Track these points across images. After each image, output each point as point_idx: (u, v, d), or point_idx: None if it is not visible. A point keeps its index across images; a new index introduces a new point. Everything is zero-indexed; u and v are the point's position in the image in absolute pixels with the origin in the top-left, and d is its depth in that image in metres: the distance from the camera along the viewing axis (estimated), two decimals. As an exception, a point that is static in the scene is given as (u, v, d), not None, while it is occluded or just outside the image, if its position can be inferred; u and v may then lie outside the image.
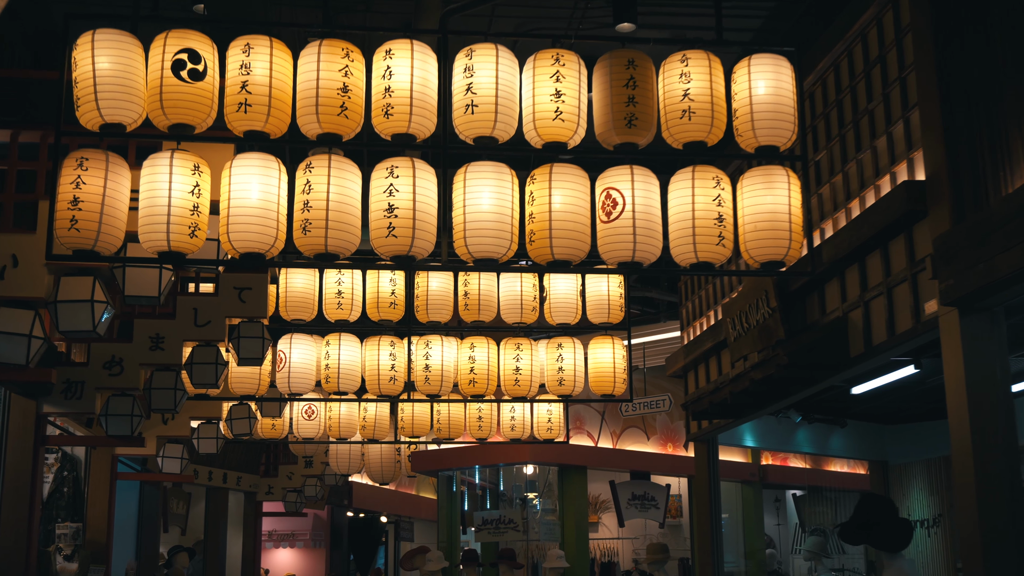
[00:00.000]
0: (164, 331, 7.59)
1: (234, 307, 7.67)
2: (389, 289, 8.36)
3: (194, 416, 10.04)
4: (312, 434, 10.76)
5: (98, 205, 4.67)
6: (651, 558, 9.92)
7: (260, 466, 15.61)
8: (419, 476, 21.89)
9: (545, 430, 10.82)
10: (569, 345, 8.53)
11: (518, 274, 8.45)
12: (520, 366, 8.44)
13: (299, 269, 8.27)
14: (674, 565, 14.35)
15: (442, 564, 11.68)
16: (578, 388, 8.51)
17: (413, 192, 4.90)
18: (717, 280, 9.30)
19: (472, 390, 8.41)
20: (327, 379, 8.29)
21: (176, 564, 12.15)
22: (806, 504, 15.52)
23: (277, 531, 18.33)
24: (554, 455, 12.78)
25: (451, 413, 10.66)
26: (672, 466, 14.08)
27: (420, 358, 8.43)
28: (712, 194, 5.09)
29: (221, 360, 7.68)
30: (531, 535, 12.95)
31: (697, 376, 9.76)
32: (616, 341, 8.57)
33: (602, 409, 13.64)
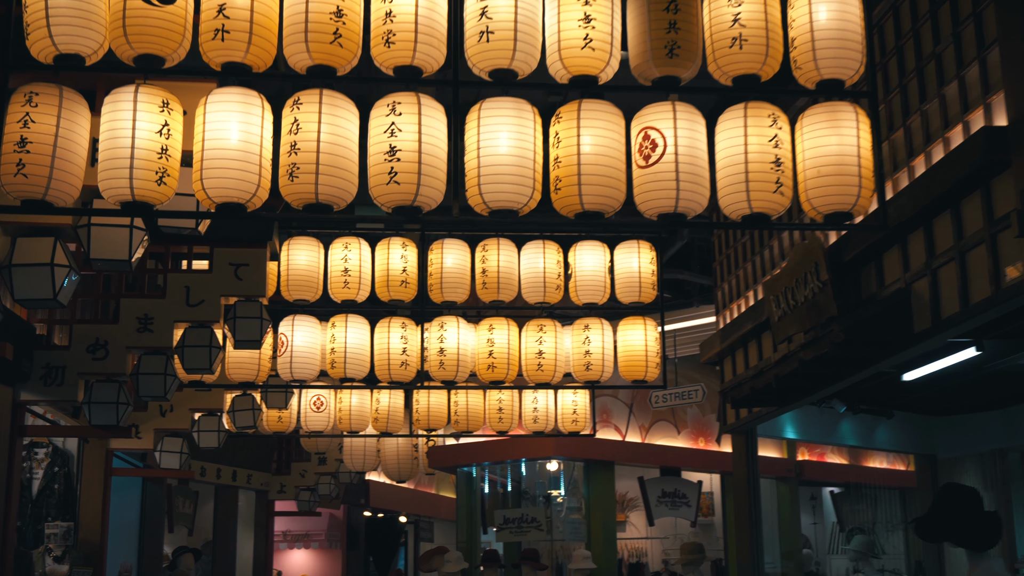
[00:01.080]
0: (153, 311, 6.92)
1: (230, 285, 6.99)
2: (400, 266, 7.67)
3: (194, 407, 9.38)
4: (322, 427, 10.10)
5: (49, 147, 3.99)
6: (686, 558, 9.19)
7: (272, 463, 14.96)
8: (438, 475, 21.22)
9: (570, 422, 10.14)
10: (597, 327, 7.82)
11: (540, 249, 7.75)
12: (544, 350, 7.73)
13: (302, 245, 7.60)
14: (707, 566, 13.60)
15: (461, 565, 10.97)
16: (607, 374, 7.79)
17: (418, 132, 4.19)
18: (756, 257, 8.55)
19: (491, 376, 7.71)
20: (333, 364, 7.61)
21: (180, 565, 11.48)
22: (845, 502, 14.76)
23: (291, 531, 17.65)
24: (579, 450, 12.04)
25: (469, 404, 9.98)
26: (704, 461, 13.32)
27: (434, 341, 7.73)
28: (768, 134, 4.36)
29: (216, 343, 7.00)
30: (555, 535, 12.22)
31: (734, 362, 9.02)
32: (648, 322, 7.85)
33: (630, 401, 12.90)
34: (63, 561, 8.72)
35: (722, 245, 9.43)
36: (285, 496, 15.02)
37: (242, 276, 7.02)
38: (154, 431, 9.35)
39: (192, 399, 9.37)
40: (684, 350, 12.41)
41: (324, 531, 17.67)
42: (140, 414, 9.33)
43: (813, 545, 15.06)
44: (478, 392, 10.02)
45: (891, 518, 14.23)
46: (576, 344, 7.80)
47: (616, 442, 12.53)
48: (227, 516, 14.05)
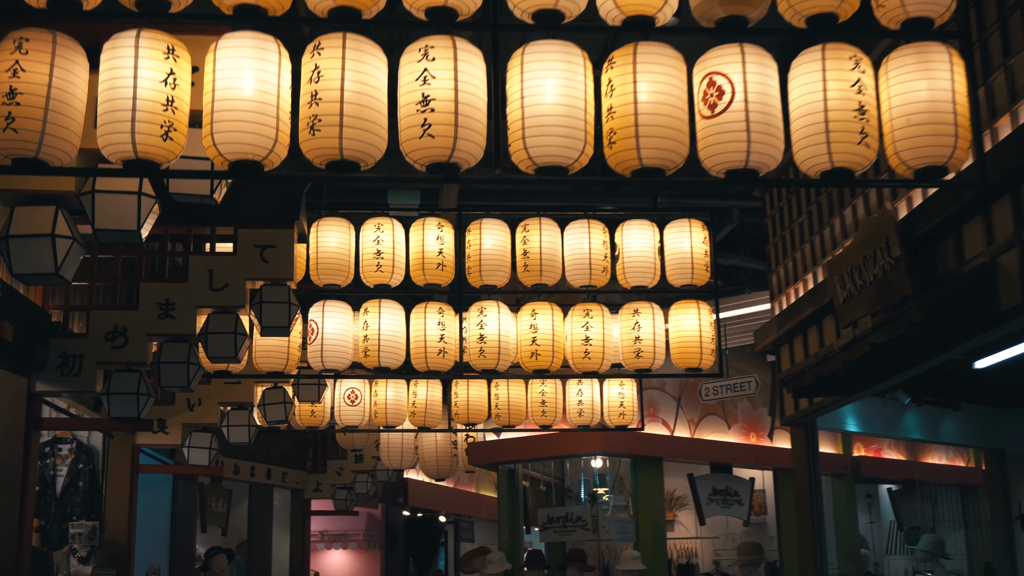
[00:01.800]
0: (175, 296, 6.49)
1: (255, 268, 6.55)
2: (436, 248, 7.20)
3: (223, 401, 8.97)
4: (356, 421, 9.67)
5: (42, 100, 3.55)
6: (743, 559, 8.66)
7: (307, 461, 14.56)
8: (478, 473, 20.76)
9: (617, 415, 9.64)
10: (647, 311, 7.31)
11: (585, 229, 7.26)
12: (590, 336, 7.24)
13: (332, 226, 7.16)
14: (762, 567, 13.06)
15: (504, 566, 10.49)
16: (658, 362, 7.29)
17: (454, 80, 3.72)
18: (816, 237, 8.00)
19: (534, 364, 7.22)
20: (366, 353, 7.15)
21: (213, 567, 11.11)
22: (903, 500, 14.12)
23: (328, 531, 17.26)
24: (626, 445, 11.53)
25: (510, 396, 9.52)
26: (757, 457, 12.75)
27: (473, 328, 7.25)
28: (850, 78, 3.85)
29: (241, 330, 6.56)
30: (601, 534, 11.72)
31: (792, 350, 8.47)
32: (702, 306, 7.34)
33: (678, 395, 12.36)
34: (88, 562, 8.36)
35: (776, 226, 8.89)
36: (321, 495, 14.61)
37: (268, 258, 6.57)
38: (182, 426, 8.95)
39: (221, 392, 8.97)
40: (734, 340, 11.87)
41: (362, 531, 17.26)
42: (167, 408, 8.94)
43: (870, 545, 14.44)
44: (520, 383, 9.56)
45: (952, 517, 13.59)
46: (625, 330, 7.30)
47: (664, 437, 12.00)
48: (262, 515, 13.66)
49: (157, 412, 8.94)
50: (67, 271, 4.24)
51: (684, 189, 10.29)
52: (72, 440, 8.79)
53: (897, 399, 9.27)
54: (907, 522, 14.18)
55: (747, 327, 11.01)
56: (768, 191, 9.00)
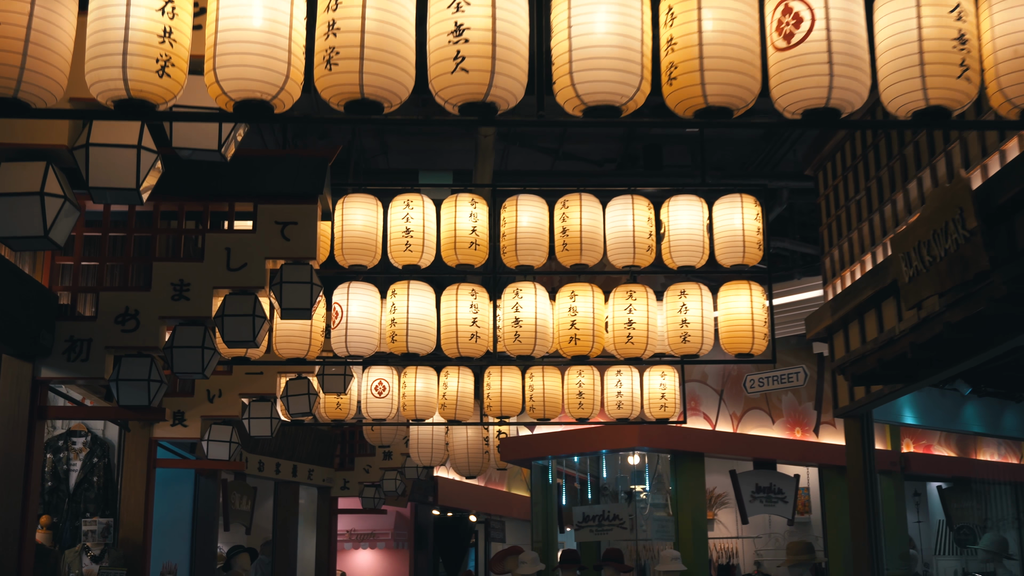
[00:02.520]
0: (189, 277, 6.06)
1: (276, 246, 6.10)
2: (469, 226, 6.74)
3: (244, 393, 8.53)
4: (384, 414, 9.20)
5: (21, 31, 3.10)
6: (793, 559, 8.13)
7: (334, 458, 14.12)
8: (509, 472, 20.29)
9: (658, 408, 9.14)
10: (695, 293, 6.81)
11: (628, 206, 6.78)
12: (634, 319, 6.75)
13: (359, 203, 6.72)
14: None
15: (537, 567, 10.02)
16: (706, 347, 6.79)
17: (492, 6, 3.24)
18: (876, 215, 7.47)
19: (574, 350, 6.74)
20: (393, 338, 6.69)
21: (236, 566, 10.71)
22: (955, 498, 13.52)
23: (356, 530, 16.83)
24: (666, 440, 11.01)
25: (546, 387, 9.04)
26: (802, 453, 12.19)
27: (509, 311, 6.78)
28: (948, 3, 3.34)
29: (260, 312, 6.10)
30: (639, 534, 11.20)
31: (847, 337, 7.94)
32: (754, 288, 6.83)
33: (720, 387, 11.83)
34: (102, 560, 7.95)
35: (830, 206, 8.36)
36: (348, 493, 14.17)
37: (289, 236, 6.12)
38: (201, 419, 8.52)
39: (242, 384, 8.53)
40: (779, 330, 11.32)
41: (391, 530, 16.83)
42: (185, 400, 8.51)
43: (918, 546, 13.85)
44: (555, 374, 9.08)
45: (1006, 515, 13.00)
46: (671, 313, 6.81)
47: (706, 432, 11.47)
48: (287, 514, 13.23)
49: (175, 404, 8.53)
50: (58, 234, 3.79)
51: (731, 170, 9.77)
52: (87, 433, 8.39)
53: (957, 390, 8.73)
54: (958, 521, 13.59)
55: (794, 316, 10.48)
56: (822, 168, 8.47)
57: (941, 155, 6.49)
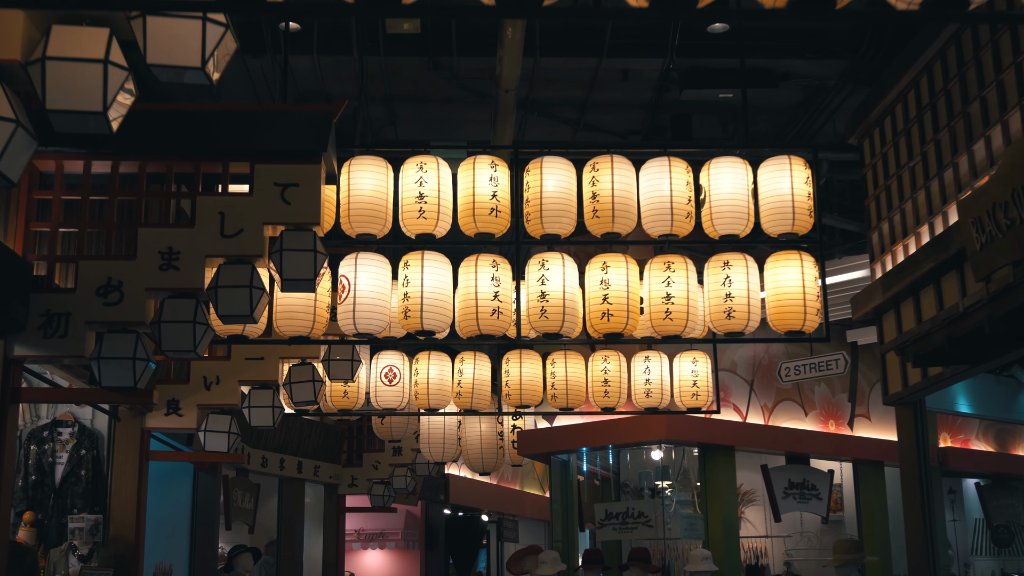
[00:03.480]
0: (179, 244, 5.44)
1: (275, 210, 5.48)
2: (489, 191, 6.10)
3: (244, 380, 7.91)
4: (394, 404, 8.59)
5: None
6: (841, 558, 7.46)
7: (342, 454, 13.48)
8: (522, 470, 19.64)
9: (690, 396, 8.52)
10: (740, 264, 6.17)
11: (665, 168, 6.15)
12: (673, 293, 6.11)
13: (367, 166, 6.08)
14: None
15: (558, 567, 9.34)
16: (752, 323, 6.15)
17: None
18: (935, 182, 6.81)
19: (606, 327, 6.10)
20: (407, 314, 6.05)
21: (238, 567, 10.06)
22: (993, 495, 12.86)
23: (365, 530, 16.19)
24: (695, 432, 10.33)
25: (569, 374, 8.44)
26: (836, 447, 11.51)
27: (533, 284, 6.15)
28: None
29: (258, 283, 5.46)
30: (665, 532, 10.53)
31: (899, 317, 7.29)
32: (805, 259, 6.19)
33: (751, 377, 11.16)
34: (90, 560, 7.33)
35: (878, 176, 7.70)
36: (357, 490, 13.52)
37: (290, 199, 5.50)
38: (197, 407, 7.90)
39: (241, 370, 7.92)
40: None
41: (401, 529, 16.18)
42: (180, 388, 7.89)
43: (954, 545, 13.18)
44: (578, 359, 8.45)
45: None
46: (713, 286, 6.16)
47: (736, 424, 10.80)
48: (292, 512, 12.58)
49: (169, 392, 7.91)
50: (10, 167, 3.16)
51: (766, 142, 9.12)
52: (74, 423, 7.77)
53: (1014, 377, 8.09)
54: (996, 520, 12.95)
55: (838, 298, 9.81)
56: (868, 135, 7.81)
57: (1015, 108, 5.83)
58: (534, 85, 8.38)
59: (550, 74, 8.27)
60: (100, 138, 5.62)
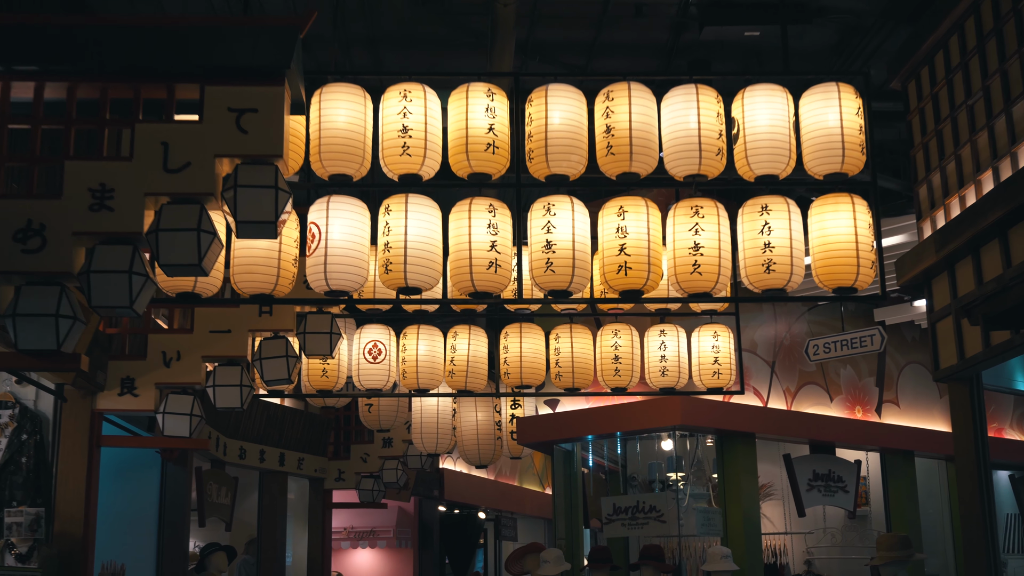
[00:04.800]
0: (114, 180, 4.53)
1: (229, 140, 4.56)
2: (485, 124, 5.20)
3: (208, 356, 7.00)
4: (379, 383, 7.72)
5: None
6: (888, 555, 6.53)
7: (327, 445, 12.57)
8: (521, 465, 18.74)
9: (710, 375, 7.65)
10: (780, 208, 5.26)
11: (691, 98, 5.26)
12: (702, 242, 5.19)
13: (342, 95, 5.18)
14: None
15: (561, 567, 8.43)
16: (796, 278, 5.23)
17: None
18: (1001, 119, 5.90)
19: (623, 282, 5.18)
20: (388, 268, 5.14)
21: (210, 567, 9.13)
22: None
23: (354, 528, 15.27)
24: (713, 418, 9.39)
25: (575, 350, 7.58)
26: (864, 435, 10.57)
27: (538, 232, 5.23)
28: None
29: (207, 226, 4.54)
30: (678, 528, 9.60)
31: (954, 280, 6.38)
32: (857, 203, 5.28)
33: (772, 358, 10.22)
34: (30, 559, 6.41)
35: (927, 122, 6.80)
36: (344, 484, 12.62)
37: (247, 127, 4.58)
38: (155, 387, 6.99)
39: (205, 344, 7.02)
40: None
41: (392, 527, 15.27)
42: (136, 364, 6.99)
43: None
44: (586, 334, 7.59)
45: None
46: (749, 233, 5.24)
47: (757, 409, 9.86)
48: (274, 508, 11.66)
49: (124, 369, 7.01)
50: None
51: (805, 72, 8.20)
52: (14, 404, 6.85)
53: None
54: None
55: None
56: (913, 77, 6.91)
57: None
58: (536, 24, 7.45)
59: (555, 8, 7.34)
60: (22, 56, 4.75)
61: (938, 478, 11.67)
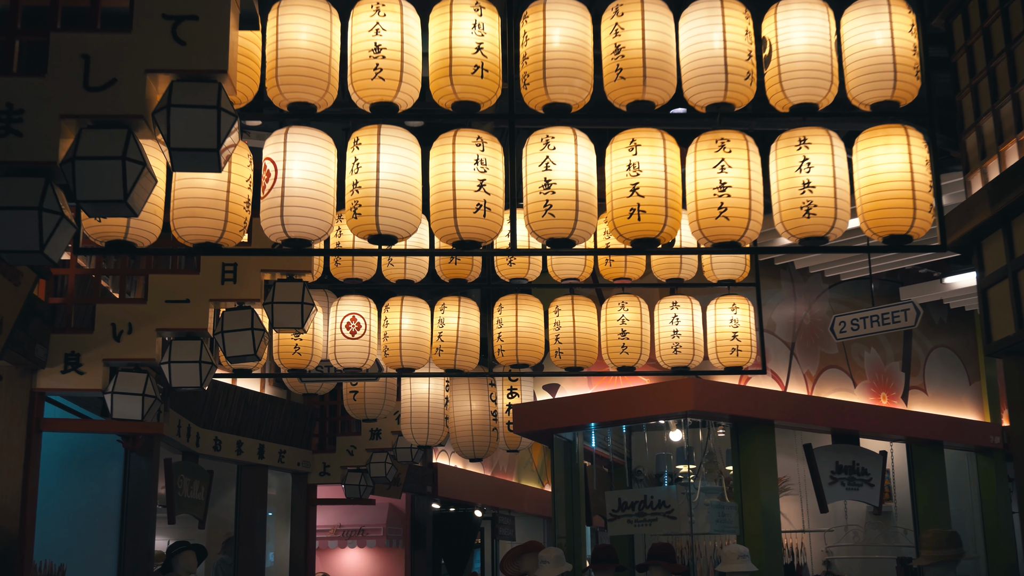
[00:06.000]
0: (23, 100, 3.79)
1: (164, 53, 3.79)
2: (472, 42, 4.41)
3: (164, 328, 6.20)
4: (358, 361, 6.95)
5: None
6: (935, 555, 5.74)
7: (312, 437, 11.77)
8: (520, 461, 17.93)
9: (728, 352, 6.89)
10: (821, 142, 4.46)
11: (716, 12, 4.45)
12: (728, 181, 4.39)
13: (302, 8, 4.37)
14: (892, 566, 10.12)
15: (562, 567, 7.63)
16: (840, 224, 4.43)
17: None
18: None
19: (636, 229, 4.38)
20: (356, 211, 4.33)
21: (177, 567, 8.34)
22: (1065, 482, 11.14)
23: (343, 526, 14.46)
24: (728, 403, 8.57)
25: (577, 325, 6.81)
26: (889, 423, 9.75)
27: (535, 170, 4.43)
28: None
29: (135, 155, 3.74)
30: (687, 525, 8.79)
31: (1010, 236, 5.59)
32: (912, 135, 4.48)
33: (791, 339, 9.41)
34: (-46, 560, 5.60)
35: (975, 60, 6.00)
36: (330, 479, 11.83)
37: (186, 38, 3.80)
38: (103, 363, 6.19)
39: (160, 315, 6.22)
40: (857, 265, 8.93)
41: (383, 526, 14.45)
42: (82, 338, 6.20)
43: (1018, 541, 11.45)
44: (589, 307, 6.82)
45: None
46: (785, 171, 4.44)
47: (776, 394, 9.04)
48: (253, 504, 10.86)
49: (67, 343, 6.21)
50: None
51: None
52: (-59, 382, 6.05)
53: None
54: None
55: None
56: (959, 11, 6.10)
57: None
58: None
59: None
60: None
61: (967, 472, 10.86)
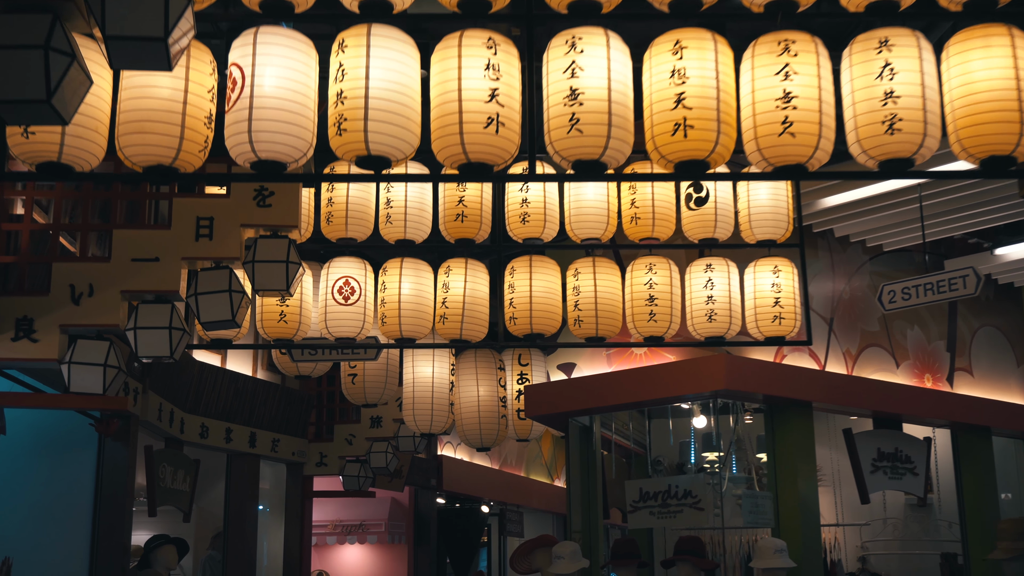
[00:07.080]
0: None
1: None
2: (481, -74, 3.60)
3: (129, 291, 5.43)
4: (352, 330, 6.21)
5: None
6: (1015, 547, 5.00)
7: (308, 425, 11.02)
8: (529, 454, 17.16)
9: (770, 321, 6.12)
10: (906, 43, 3.69)
11: None
12: (794, 91, 3.62)
13: None
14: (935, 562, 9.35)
15: (578, 564, 6.88)
16: (931, 142, 3.65)
17: None
18: None
19: (681, 149, 3.62)
20: (341, 127, 3.55)
21: (156, 563, 7.62)
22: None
23: (342, 521, 13.70)
24: (762, 381, 7.75)
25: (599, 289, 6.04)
26: (934, 407, 8.93)
27: (559, 78, 3.65)
28: None
29: (61, 44, 2.98)
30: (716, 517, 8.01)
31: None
32: (1016, 35, 3.71)
33: (830, 314, 8.61)
34: None
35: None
36: (327, 470, 11.07)
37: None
38: (59, 330, 5.41)
39: (126, 276, 5.45)
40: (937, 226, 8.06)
41: (385, 521, 13.70)
42: (36, 301, 5.42)
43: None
44: (612, 270, 6.06)
45: None
46: (862, 79, 3.65)
47: (814, 373, 8.23)
48: (244, 496, 10.09)
49: (19, 307, 5.44)
50: None
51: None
52: None
53: None
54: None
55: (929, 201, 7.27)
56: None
57: None
58: None
59: None
60: None
61: (1015, 460, 10.06)
